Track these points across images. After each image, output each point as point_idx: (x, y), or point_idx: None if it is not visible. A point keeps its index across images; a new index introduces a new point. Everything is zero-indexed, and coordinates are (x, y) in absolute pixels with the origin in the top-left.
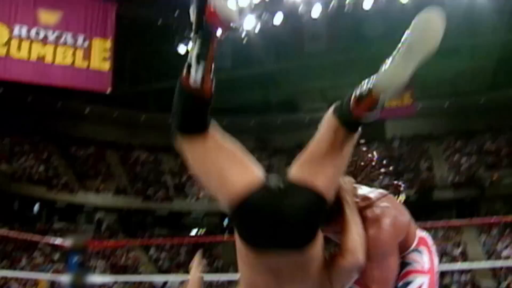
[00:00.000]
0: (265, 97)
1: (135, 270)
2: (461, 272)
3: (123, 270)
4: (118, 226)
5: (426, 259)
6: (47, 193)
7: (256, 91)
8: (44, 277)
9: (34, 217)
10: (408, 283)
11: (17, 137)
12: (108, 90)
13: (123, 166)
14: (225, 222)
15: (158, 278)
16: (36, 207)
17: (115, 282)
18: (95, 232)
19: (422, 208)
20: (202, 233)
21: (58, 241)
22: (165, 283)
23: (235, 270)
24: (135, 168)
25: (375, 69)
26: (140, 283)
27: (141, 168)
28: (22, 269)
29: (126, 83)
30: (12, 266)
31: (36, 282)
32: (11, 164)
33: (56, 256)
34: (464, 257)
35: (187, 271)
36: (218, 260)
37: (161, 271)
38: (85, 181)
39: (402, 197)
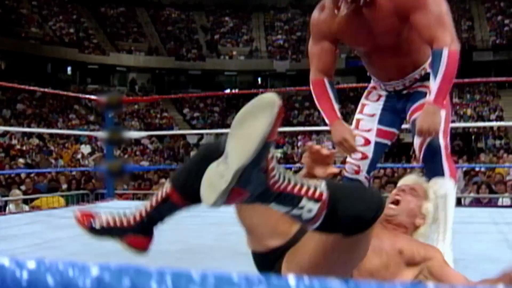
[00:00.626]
0: None
1: (170, 130)
2: (495, 137)
3: (158, 129)
4: (152, 86)
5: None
6: (79, 55)
7: None
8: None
9: (67, 79)
10: None
11: None
12: None
13: (155, 25)
14: (258, 80)
15: (193, 135)
16: (69, 69)
17: (152, 141)
18: (128, 92)
19: (461, 70)
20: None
21: (94, 98)
22: (199, 140)
23: None
24: (166, 26)
25: None
26: (176, 140)
27: (173, 26)
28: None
29: None
30: (49, 127)
31: (70, 147)
32: (42, 27)
33: (92, 118)
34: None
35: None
36: None
37: (196, 130)
38: (116, 41)
39: None
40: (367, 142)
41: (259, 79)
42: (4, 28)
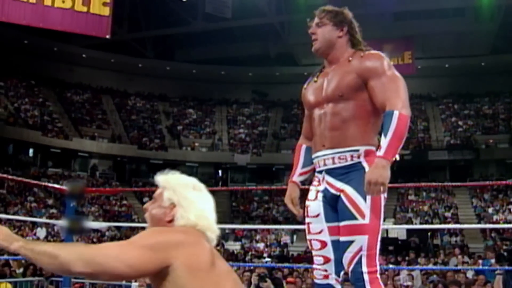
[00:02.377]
0: (264, 49)
1: (128, 218)
2: (451, 233)
3: (116, 217)
4: (112, 173)
5: None
6: (42, 137)
7: (256, 42)
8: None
9: (28, 161)
10: None
11: (12, 80)
12: (108, 36)
13: (119, 113)
14: (219, 172)
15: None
16: (31, 151)
17: (109, 229)
18: (89, 178)
19: (417, 168)
20: None
21: (55, 186)
22: None
23: (228, 219)
24: (130, 115)
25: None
26: (133, 229)
27: (137, 115)
28: (15, 214)
29: (125, 29)
30: (6, 211)
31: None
32: (6, 107)
33: (50, 201)
34: (455, 219)
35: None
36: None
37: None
38: (80, 127)
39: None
40: (323, 244)
41: (220, 171)
42: None
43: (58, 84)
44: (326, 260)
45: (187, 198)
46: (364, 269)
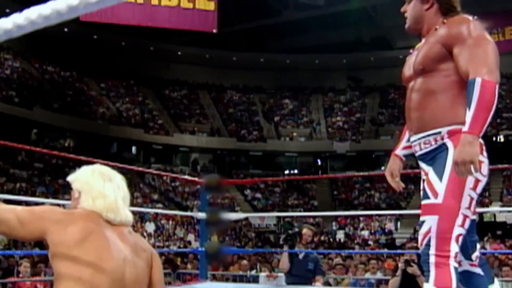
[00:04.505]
0: (357, 34)
1: (231, 209)
2: None
3: (220, 209)
4: (213, 166)
5: None
6: (144, 135)
7: (349, 28)
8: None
9: (131, 158)
10: None
11: (112, 81)
12: (215, 30)
13: (216, 107)
14: (318, 161)
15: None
16: (133, 149)
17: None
18: (191, 172)
19: None
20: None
21: (193, 180)
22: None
23: (330, 209)
24: (228, 108)
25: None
26: (237, 221)
27: (234, 108)
28: None
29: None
30: None
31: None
32: (108, 108)
33: (156, 196)
34: None
35: (281, 211)
36: (313, 199)
37: (257, 210)
38: (180, 122)
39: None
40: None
41: (319, 160)
42: (74, 109)
43: (155, 82)
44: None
45: (88, 183)
46: (432, 251)
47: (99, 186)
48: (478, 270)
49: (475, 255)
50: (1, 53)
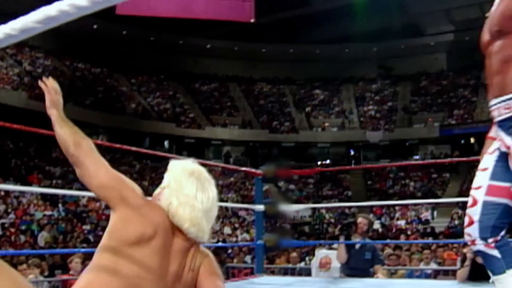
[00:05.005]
0: (387, 22)
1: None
2: None
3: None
4: (245, 159)
5: None
6: (176, 129)
7: (378, 16)
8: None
9: (164, 152)
10: None
11: (143, 76)
12: (252, 20)
13: (247, 99)
14: (351, 151)
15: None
16: (166, 143)
17: (248, 213)
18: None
19: None
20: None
21: (249, 170)
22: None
23: (364, 199)
24: (258, 100)
25: None
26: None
27: (265, 100)
28: None
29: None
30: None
31: None
32: (139, 103)
33: None
34: None
35: (315, 202)
36: (347, 190)
37: (268, 203)
38: (211, 115)
39: None
40: (474, 202)
41: (352, 150)
42: (106, 105)
43: (185, 77)
44: (470, 222)
45: (177, 181)
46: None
47: (191, 192)
48: (495, 252)
49: (495, 238)
50: (32, 52)
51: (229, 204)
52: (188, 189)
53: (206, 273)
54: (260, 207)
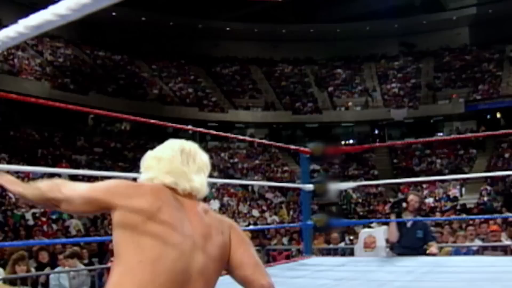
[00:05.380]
0: None
1: (292, 183)
2: None
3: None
4: (269, 141)
5: None
6: (199, 113)
7: None
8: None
9: (188, 137)
10: None
11: (163, 62)
12: None
13: (269, 81)
14: (375, 131)
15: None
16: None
17: (275, 195)
18: (248, 148)
19: None
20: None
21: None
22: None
23: (391, 177)
24: (280, 82)
25: None
26: (298, 194)
27: (286, 81)
28: None
29: None
30: None
31: None
32: (161, 88)
33: (215, 174)
34: None
35: (342, 182)
36: (373, 169)
37: (317, 182)
38: (234, 98)
39: None
40: None
41: (376, 129)
42: (128, 92)
43: (206, 60)
44: None
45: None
46: None
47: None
48: None
49: None
50: (53, 42)
51: (277, 184)
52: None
53: (237, 240)
54: (308, 187)
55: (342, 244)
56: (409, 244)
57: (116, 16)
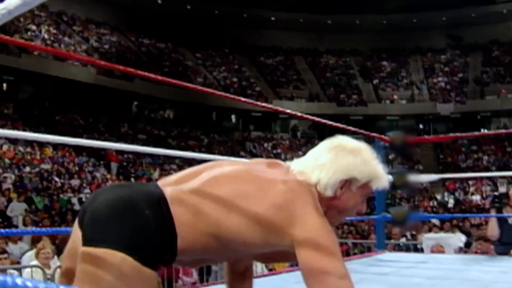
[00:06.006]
0: None
1: None
2: None
3: None
4: (313, 133)
5: None
6: (243, 103)
7: None
8: None
9: (231, 127)
10: None
11: (208, 51)
12: None
13: (313, 72)
14: (421, 125)
15: None
16: (233, 117)
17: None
18: (291, 139)
19: None
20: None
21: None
22: None
23: (436, 172)
24: (325, 73)
25: None
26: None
27: (331, 73)
28: None
29: None
30: None
31: None
32: (206, 77)
33: None
34: None
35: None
36: (418, 163)
37: (397, 173)
38: (278, 89)
39: None
40: None
41: (421, 124)
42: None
43: (250, 50)
44: None
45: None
46: None
47: None
48: None
49: None
50: (99, 29)
51: None
52: None
53: None
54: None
55: (403, 239)
56: (511, 241)
57: (161, 4)
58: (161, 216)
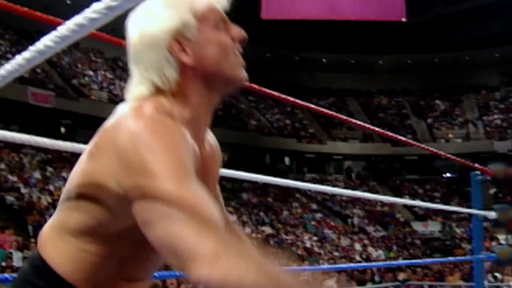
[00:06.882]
0: (508, 26)
1: (392, 217)
2: None
3: (381, 217)
4: (368, 174)
5: None
6: (297, 144)
7: (499, 20)
8: None
9: (285, 169)
10: None
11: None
12: (404, 19)
13: (366, 112)
14: (477, 164)
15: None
16: (286, 159)
17: (376, 229)
18: (345, 180)
19: None
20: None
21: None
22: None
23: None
24: (377, 113)
25: None
26: (399, 228)
27: (384, 113)
28: (283, 219)
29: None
30: (275, 216)
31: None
32: (259, 119)
33: (314, 206)
34: None
35: (444, 217)
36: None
37: (417, 216)
38: (331, 130)
39: None
40: None
41: (477, 162)
42: (226, 122)
43: (302, 92)
44: None
45: None
46: None
47: None
48: None
49: None
50: None
51: (443, 206)
52: None
53: None
54: (489, 214)
55: (486, 282)
56: None
57: None
58: None
